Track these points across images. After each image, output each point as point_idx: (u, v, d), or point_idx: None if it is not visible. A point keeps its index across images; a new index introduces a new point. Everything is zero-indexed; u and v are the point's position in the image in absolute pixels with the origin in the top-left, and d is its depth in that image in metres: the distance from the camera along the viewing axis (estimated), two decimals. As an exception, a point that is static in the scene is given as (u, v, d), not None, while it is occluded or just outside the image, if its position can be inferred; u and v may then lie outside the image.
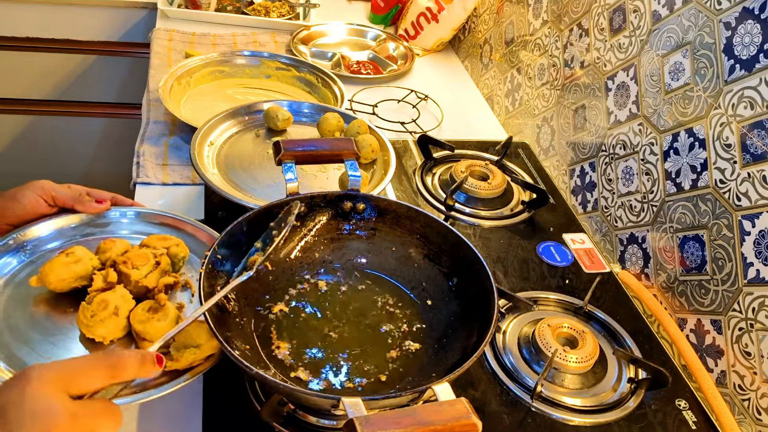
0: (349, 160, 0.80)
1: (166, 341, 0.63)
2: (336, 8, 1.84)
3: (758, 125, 0.78)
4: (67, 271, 0.75)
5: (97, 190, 0.87)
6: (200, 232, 0.88)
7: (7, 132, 1.96)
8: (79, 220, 0.86)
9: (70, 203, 0.84)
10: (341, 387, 0.69)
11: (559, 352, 0.81)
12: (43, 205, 0.83)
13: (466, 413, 0.51)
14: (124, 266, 0.76)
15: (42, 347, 0.71)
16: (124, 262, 0.76)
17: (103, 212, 0.86)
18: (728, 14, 0.83)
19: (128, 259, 0.77)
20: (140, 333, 0.72)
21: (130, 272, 0.76)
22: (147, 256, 0.78)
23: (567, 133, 1.19)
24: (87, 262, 0.77)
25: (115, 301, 0.72)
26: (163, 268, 0.79)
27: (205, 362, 0.70)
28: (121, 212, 0.88)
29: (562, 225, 1.09)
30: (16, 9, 1.74)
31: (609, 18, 1.07)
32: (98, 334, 0.71)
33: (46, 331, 0.73)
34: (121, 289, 0.74)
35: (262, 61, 1.37)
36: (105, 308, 0.71)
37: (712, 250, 0.86)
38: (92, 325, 0.71)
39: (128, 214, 0.89)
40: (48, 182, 0.84)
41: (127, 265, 0.76)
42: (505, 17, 1.44)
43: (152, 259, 0.78)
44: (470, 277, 0.75)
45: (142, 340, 0.72)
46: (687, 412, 0.80)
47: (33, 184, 0.83)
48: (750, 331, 0.79)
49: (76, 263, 0.76)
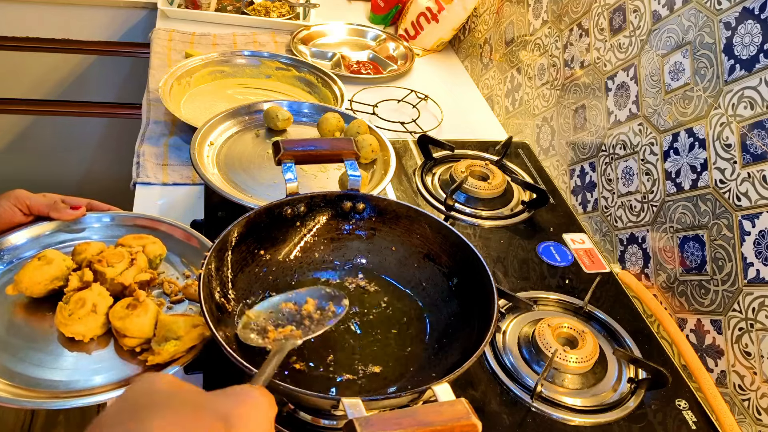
0: (349, 160, 0.80)
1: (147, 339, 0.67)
2: (336, 8, 1.84)
3: (758, 125, 0.78)
4: (40, 274, 0.75)
5: (72, 197, 0.87)
6: (177, 230, 0.88)
7: (7, 132, 1.96)
8: (55, 227, 0.86)
9: (46, 211, 0.84)
10: (340, 380, 0.69)
11: (559, 352, 0.81)
12: (18, 214, 0.83)
13: (466, 413, 0.51)
14: (99, 265, 0.76)
15: (23, 353, 0.71)
16: (99, 260, 0.76)
17: (78, 218, 0.86)
18: (728, 14, 0.83)
19: (103, 257, 0.77)
20: (120, 330, 0.71)
21: (106, 270, 0.76)
22: (122, 254, 0.78)
23: (567, 133, 1.19)
24: (60, 263, 0.77)
25: (92, 299, 0.72)
26: (140, 266, 0.78)
27: (187, 354, 0.70)
28: (96, 217, 0.88)
29: (562, 225, 1.09)
30: (16, 9, 1.74)
31: (609, 18, 1.07)
32: (77, 332, 0.71)
33: (27, 337, 0.73)
34: (98, 287, 0.74)
35: (262, 61, 1.37)
36: (82, 306, 0.71)
37: (712, 250, 0.86)
38: (70, 323, 0.71)
39: (103, 219, 0.89)
40: (22, 191, 0.84)
41: (102, 263, 0.76)
42: (505, 17, 1.44)
43: (128, 257, 0.78)
44: (470, 277, 0.75)
45: (123, 336, 0.71)
46: (687, 412, 0.80)
47: (7, 195, 0.84)
48: (750, 331, 0.79)
49: (48, 265, 0.75)
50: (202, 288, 0.65)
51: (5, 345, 0.72)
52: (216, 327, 0.63)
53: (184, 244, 0.87)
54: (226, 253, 0.73)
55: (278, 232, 0.79)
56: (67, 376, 0.69)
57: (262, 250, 0.78)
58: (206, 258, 0.68)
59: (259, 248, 0.78)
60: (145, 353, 0.72)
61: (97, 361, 0.71)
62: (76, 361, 0.71)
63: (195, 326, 0.70)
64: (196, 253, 0.85)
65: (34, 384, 0.68)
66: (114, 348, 0.73)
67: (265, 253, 0.78)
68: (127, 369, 0.71)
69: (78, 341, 0.72)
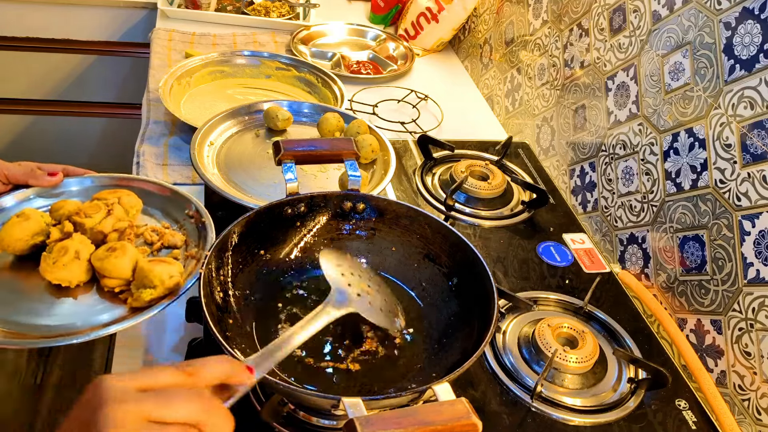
0: (349, 160, 0.80)
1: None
2: (336, 8, 1.84)
3: (758, 125, 0.78)
4: (20, 229, 0.76)
5: (48, 164, 0.88)
6: (154, 186, 0.90)
7: (7, 132, 1.96)
8: (33, 193, 0.87)
9: (23, 179, 0.85)
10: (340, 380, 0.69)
11: (559, 352, 0.81)
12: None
13: (466, 413, 0.51)
14: (77, 217, 0.79)
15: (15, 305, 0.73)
16: (77, 213, 0.79)
17: (56, 185, 0.87)
18: (728, 14, 0.83)
19: (81, 210, 0.80)
20: (100, 270, 0.74)
21: (84, 221, 0.79)
22: (99, 206, 0.81)
23: (567, 133, 1.19)
24: (38, 218, 0.78)
25: (74, 247, 0.74)
26: (117, 215, 0.81)
27: (163, 299, 0.72)
28: (74, 182, 0.89)
29: (562, 225, 1.09)
30: (16, 9, 1.74)
31: (609, 18, 1.07)
32: (63, 278, 0.73)
33: (17, 290, 0.75)
34: (79, 235, 0.77)
35: (262, 61, 1.37)
36: (65, 253, 0.73)
37: (712, 250, 0.86)
38: (55, 270, 0.73)
39: (81, 183, 0.90)
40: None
41: (80, 215, 0.79)
42: (505, 17, 1.44)
43: (104, 208, 0.81)
44: (470, 277, 0.75)
45: (103, 277, 0.74)
46: (687, 412, 0.80)
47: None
48: (750, 331, 0.79)
49: (27, 221, 0.77)
50: (203, 288, 0.65)
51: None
52: (216, 326, 0.63)
53: (163, 198, 0.89)
54: (227, 252, 0.73)
55: (278, 232, 0.79)
56: (60, 320, 0.72)
57: (262, 250, 0.78)
58: (206, 258, 0.68)
59: (259, 248, 0.78)
60: (124, 294, 0.74)
61: (87, 305, 0.74)
62: (66, 307, 0.73)
63: (171, 276, 0.72)
64: (176, 205, 0.87)
65: (31, 329, 0.70)
66: (98, 293, 0.75)
67: (265, 253, 0.78)
68: (116, 311, 0.73)
69: (65, 288, 0.74)
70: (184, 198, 0.87)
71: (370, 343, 0.74)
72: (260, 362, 0.54)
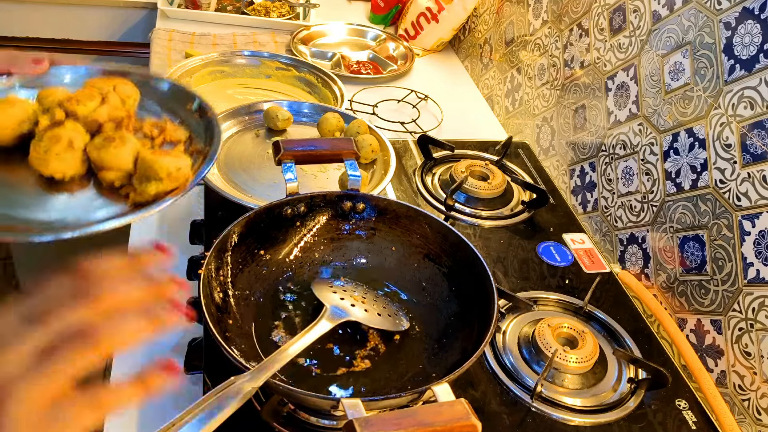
0: (349, 160, 0.80)
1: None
2: (336, 8, 1.84)
3: (758, 125, 0.78)
4: (5, 117, 0.67)
5: (31, 52, 0.77)
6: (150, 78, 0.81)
7: (7, 132, 1.95)
8: (15, 82, 0.76)
9: (5, 66, 0.75)
10: (339, 380, 0.69)
11: (559, 352, 0.81)
12: None
13: (465, 414, 0.51)
14: (69, 104, 0.69)
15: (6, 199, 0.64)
16: (68, 100, 0.70)
17: (42, 74, 0.76)
18: (728, 14, 0.83)
19: (72, 97, 0.70)
20: (97, 162, 0.65)
21: (77, 108, 0.69)
22: (92, 93, 0.71)
23: (567, 133, 1.19)
24: (24, 104, 0.69)
25: (67, 135, 0.66)
26: (112, 103, 0.71)
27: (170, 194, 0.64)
28: (63, 70, 0.79)
29: (562, 225, 1.09)
30: (17, 9, 1.74)
31: (609, 18, 1.07)
32: (56, 170, 0.65)
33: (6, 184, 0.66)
34: (72, 123, 0.68)
35: (262, 61, 1.37)
36: (58, 142, 0.65)
37: (712, 250, 0.86)
38: (48, 159, 0.64)
39: (70, 72, 0.79)
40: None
41: (72, 102, 0.69)
42: (505, 17, 1.44)
43: (99, 96, 0.71)
44: (470, 277, 0.75)
45: (101, 169, 0.66)
46: (687, 412, 0.80)
47: None
48: (750, 331, 0.79)
49: (12, 107, 0.68)
50: (202, 288, 0.65)
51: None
52: (216, 327, 0.63)
53: (161, 91, 0.80)
54: (226, 253, 0.73)
55: (278, 232, 0.79)
56: (57, 215, 0.64)
57: (262, 250, 0.78)
58: (206, 258, 0.68)
59: (259, 248, 0.78)
60: (125, 188, 0.66)
61: (84, 199, 0.66)
62: (61, 201, 0.66)
63: (178, 168, 0.65)
64: (177, 100, 0.79)
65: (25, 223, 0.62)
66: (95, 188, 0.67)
67: (265, 253, 0.78)
68: (116, 207, 0.65)
69: (58, 182, 0.66)
70: (186, 92, 0.79)
71: (373, 339, 0.74)
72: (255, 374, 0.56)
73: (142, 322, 0.44)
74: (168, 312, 0.46)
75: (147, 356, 0.80)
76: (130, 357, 0.80)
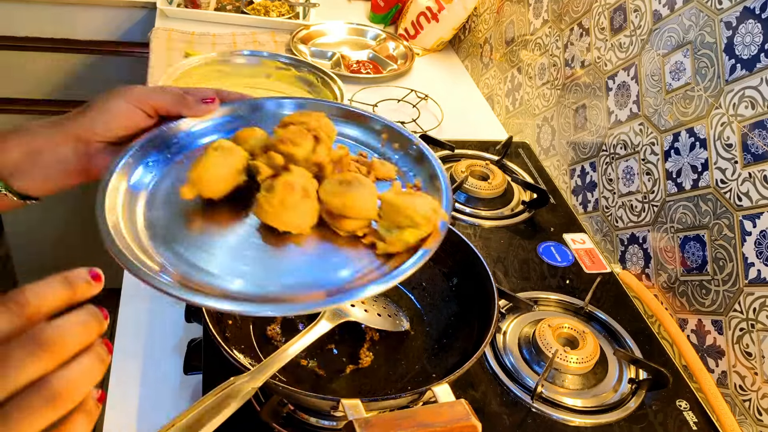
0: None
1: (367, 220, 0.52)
2: (336, 8, 1.84)
3: (759, 125, 0.78)
4: (223, 167, 0.58)
5: (195, 88, 0.69)
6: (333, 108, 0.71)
7: (7, 132, 1.95)
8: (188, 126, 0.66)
9: (174, 109, 0.66)
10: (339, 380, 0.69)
11: (560, 352, 0.81)
12: (140, 116, 0.65)
13: (465, 415, 0.51)
14: (284, 146, 0.59)
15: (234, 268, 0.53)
16: (281, 141, 0.59)
17: (212, 113, 0.68)
18: (729, 14, 0.82)
19: (285, 138, 0.60)
20: (338, 210, 0.56)
21: (294, 151, 0.59)
22: (302, 131, 0.60)
23: (567, 132, 1.19)
24: (239, 152, 0.60)
25: (300, 183, 0.56)
26: (325, 142, 0.61)
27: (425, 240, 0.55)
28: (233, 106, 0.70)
29: (562, 225, 1.09)
30: (16, 9, 1.73)
31: (610, 17, 1.07)
32: (293, 223, 0.55)
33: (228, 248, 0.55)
34: (298, 168, 0.58)
35: (262, 61, 1.37)
36: (293, 191, 0.55)
37: (713, 250, 0.85)
38: (283, 212, 0.55)
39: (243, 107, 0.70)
40: (140, 88, 0.67)
41: (287, 144, 0.59)
42: (505, 17, 1.44)
43: (309, 134, 0.60)
44: (470, 277, 0.75)
45: (341, 218, 0.56)
46: (688, 413, 0.80)
47: (123, 92, 0.66)
48: (751, 331, 0.79)
49: (231, 155, 0.59)
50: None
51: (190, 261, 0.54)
52: (216, 327, 0.63)
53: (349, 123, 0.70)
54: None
55: (278, 232, 0.79)
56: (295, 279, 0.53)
57: (261, 251, 0.78)
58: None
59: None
60: (368, 237, 0.57)
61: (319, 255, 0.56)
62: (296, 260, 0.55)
63: (435, 210, 0.56)
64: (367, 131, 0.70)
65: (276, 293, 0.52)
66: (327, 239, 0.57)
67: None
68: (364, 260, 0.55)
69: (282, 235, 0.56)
70: (377, 121, 0.69)
71: (373, 340, 0.74)
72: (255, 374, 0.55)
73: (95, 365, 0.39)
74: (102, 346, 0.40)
75: (145, 357, 0.80)
76: (129, 357, 0.80)
